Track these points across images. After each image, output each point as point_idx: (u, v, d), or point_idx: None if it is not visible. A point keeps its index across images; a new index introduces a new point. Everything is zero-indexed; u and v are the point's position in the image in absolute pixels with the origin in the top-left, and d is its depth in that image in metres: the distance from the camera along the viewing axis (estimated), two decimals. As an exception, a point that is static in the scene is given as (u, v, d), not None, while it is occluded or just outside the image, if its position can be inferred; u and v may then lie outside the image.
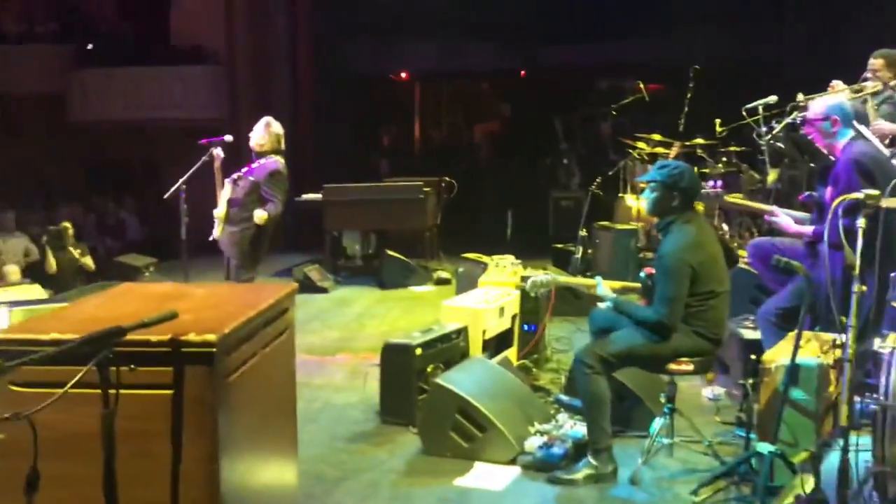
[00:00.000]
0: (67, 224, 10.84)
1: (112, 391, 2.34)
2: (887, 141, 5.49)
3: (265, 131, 6.36)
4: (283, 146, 6.45)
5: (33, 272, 10.14)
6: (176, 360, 2.55)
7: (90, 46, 14.57)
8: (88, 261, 10.66)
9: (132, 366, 2.43)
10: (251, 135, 6.38)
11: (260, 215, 6.20)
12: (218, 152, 6.32)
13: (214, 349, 2.57)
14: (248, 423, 2.97)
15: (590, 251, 8.85)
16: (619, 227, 8.88)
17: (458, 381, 4.70)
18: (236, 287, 5.36)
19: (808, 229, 4.74)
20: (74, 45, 14.56)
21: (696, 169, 7.90)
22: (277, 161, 6.33)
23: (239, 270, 6.30)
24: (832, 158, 4.70)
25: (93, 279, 10.40)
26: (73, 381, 2.24)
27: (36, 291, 8.02)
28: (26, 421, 2.22)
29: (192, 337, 2.56)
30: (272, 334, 3.24)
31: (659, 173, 4.33)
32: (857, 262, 3.39)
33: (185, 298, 3.20)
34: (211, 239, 6.38)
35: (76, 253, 10.60)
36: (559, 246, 9.67)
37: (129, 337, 2.38)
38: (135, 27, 15.23)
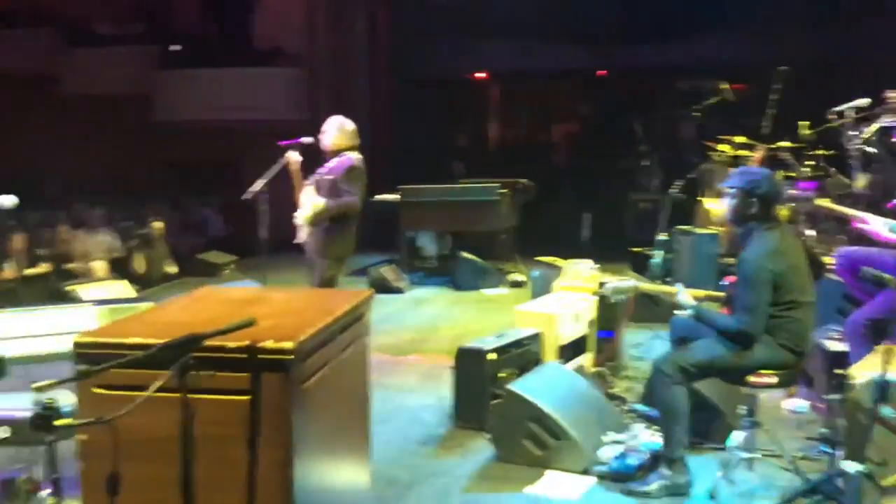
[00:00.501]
0: (159, 224, 11.16)
1: (191, 396, 2.39)
2: None
3: (338, 130, 6.37)
4: (357, 141, 6.44)
5: (118, 268, 10.44)
6: (253, 366, 2.59)
7: (174, 48, 14.94)
8: (172, 268, 11.01)
9: (212, 371, 2.47)
10: (323, 136, 6.37)
11: (316, 203, 6.05)
12: (295, 156, 6.36)
13: (291, 356, 2.60)
14: (323, 428, 3.00)
15: (669, 256, 8.67)
16: (700, 231, 8.67)
17: (532, 387, 4.66)
18: (314, 292, 5.36)
19: (901, 237, 4.56)
20: (159, 47, 14.95)
21: (781, 173, 7.73)
22: (353, 157, 6.34)
23: (323, 270, 6.31)
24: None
25: (175, 276, 10.75)
26: (155, 386, 2.28)
27: (122, 288, 8.24)
28: (109, 424, 2.28)
29: (268, 344, 2.59)
30: (348, 340, 3.26)
31: (738, 179, 4.24)
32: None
33: (263, 303, 3.25)
34: (296, 241, 6.42)
35: (162, 254, 10.97)
36: (637, 250, 9.50)
37: (209, 343, 2.43)
38: (218, 29, 15.56)
